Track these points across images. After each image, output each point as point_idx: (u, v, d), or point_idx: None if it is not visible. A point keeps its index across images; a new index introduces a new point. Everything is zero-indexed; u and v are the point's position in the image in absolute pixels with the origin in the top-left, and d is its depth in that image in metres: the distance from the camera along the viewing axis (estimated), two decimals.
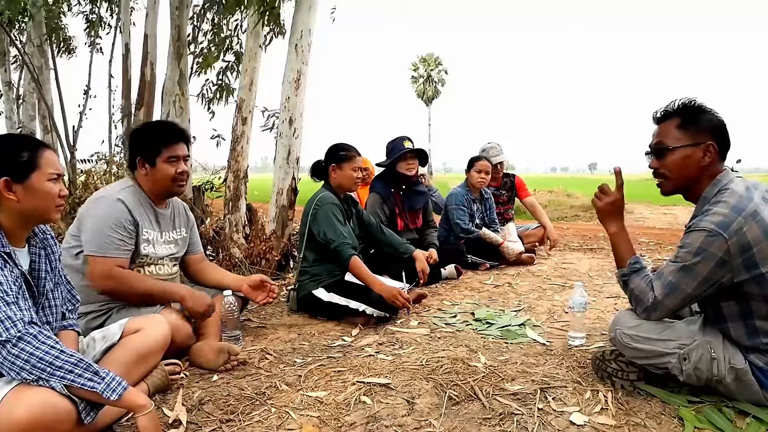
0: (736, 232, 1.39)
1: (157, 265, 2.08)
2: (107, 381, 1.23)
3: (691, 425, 1.42)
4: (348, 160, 2.75)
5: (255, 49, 4.16)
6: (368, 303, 2.46)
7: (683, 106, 1.58)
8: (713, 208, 1.46)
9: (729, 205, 1.44)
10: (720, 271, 1.43)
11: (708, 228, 1.42)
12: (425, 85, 44.00)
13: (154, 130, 2.09)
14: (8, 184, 1.31)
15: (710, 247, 1.42)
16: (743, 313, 1.47)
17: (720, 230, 1.40)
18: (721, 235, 1.40)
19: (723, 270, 1.43)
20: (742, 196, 1.45)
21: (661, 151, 1.59)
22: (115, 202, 1.93)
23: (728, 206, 1.43)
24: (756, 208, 1.42)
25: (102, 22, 8.08)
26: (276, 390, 1.73)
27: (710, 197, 1.52)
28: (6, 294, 1.23)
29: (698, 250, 1.44)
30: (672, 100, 1.61)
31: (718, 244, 1.40)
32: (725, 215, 1.42)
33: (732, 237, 1.39)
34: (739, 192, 1.47)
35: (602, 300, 2.96)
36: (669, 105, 1.61)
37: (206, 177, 5.26)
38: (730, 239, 1.39)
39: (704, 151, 1.52)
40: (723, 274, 1.43)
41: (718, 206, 1.46)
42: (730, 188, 1.49)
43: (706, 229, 1.43)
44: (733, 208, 1.43)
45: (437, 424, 1.47)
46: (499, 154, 4.42)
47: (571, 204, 10.27)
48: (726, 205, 1.44)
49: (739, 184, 1.51)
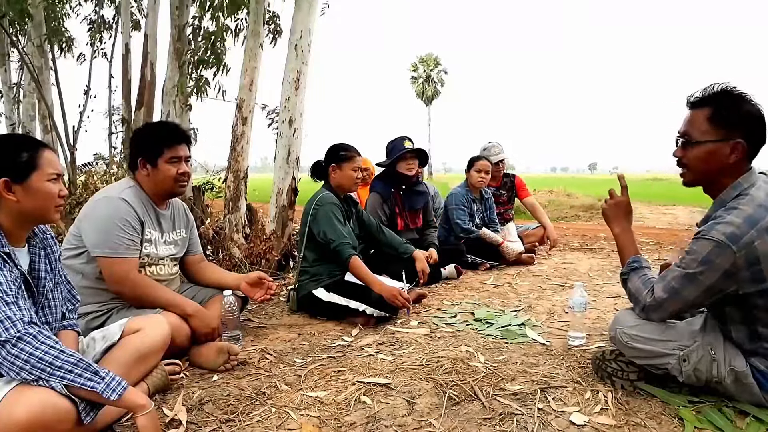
0: (746, 245, 1.33)
1: (158, 265, 2.08)
2: (107, 381, 1.23)
3: (691, 425, 1.42)
4: (348, 160, 2.75)
5: (255, 49, 4.15)
6: (368, 303, 2.46)
7: (718, 95, 1.45)
8: (727, 216, 1.38)
9: (744, 214, 1.36)
10: (725, 282, 1.39)
11: (717, 239, 1.36)
12: (425, 86, 44.04)
13: (155, 131, 2.08)
14: (8, 185, 1.31)
15: (717, 258, 1.36)
16: (746, 319, 1.45)
17: (730, 243, 1.34)
18: (730, 248, 1.34)
19: (729, 281, 1.38)
20: (761, 206, 1.37)
21: (686, 143, 1.50)
22: (119, 201, 1.92)
23: (743, 216, 1.36)
24: None
25: (105, 24, 8.05)
26: (276, 390, 1.73)
27: (728, 200, 1.44)
28: (5, 294, 1.23)
29: (704, 260, 1.39)
30: (710, 84, 1.48)
31: (726, 256, 1.35)
32: (737, 226, 1.35)
33: (741, 251, 1.34)
34: (758, 200, 1.38)
35: (602, 300, 2.96)
36: (706, 90, 1.48)
37: (206, 177, 5.26)
38: (739, 252, 1.34)
39: (732, 148, 1.42)
40: (728, 285, 1.39)
41: (732, 214, 1.38)
42: (749, 194, 1.40)
43: (715, 239, 1.36)
44: (747, 219, 1.35)
45: (437, 424, 1.47)
46: (499, 152, 4.43)
47: (571, 204, 10.27)
48: (741, 213, 1.36)
49: (761, 190, 1.41)
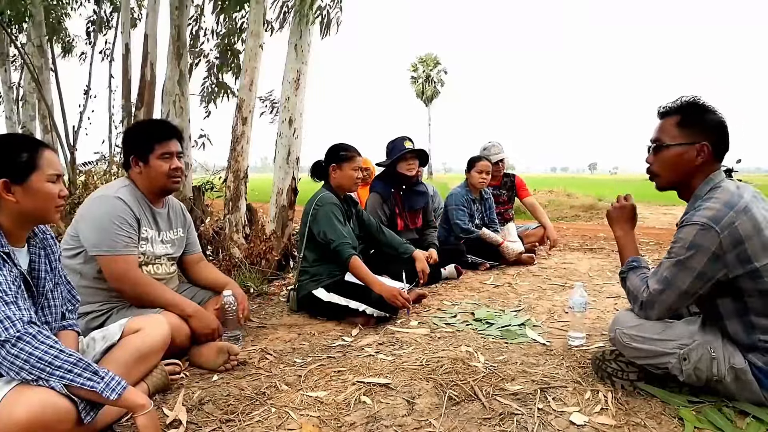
0: (728, 225, 1.41)
1: (155, 264, 2.07)
2: (107, 381, 1.23)
3: (691, 425, 1.42)
4: (348, 160, 2.75)
5: (255, 49, 4.15)
6: (368, 303, 2.46)
7: (685, 105, 1.60)
8: (705, 204, 1.48)
9: (721, 200, 1.46)
10: (714, 266, 1.43)
11: (700, 222, 1.44)
12: (424, 86, 44.03)
13: (145, 128, 2.09)
14: (7, 185, 1.31)
15: (703, 240, 1.43)
16: (739, 310, 1.47)
17: (712, 224, 1.42)
18: (713, 229, 1.41)
19: (717, 265, 1.43)
20: (734, 193, 1.48)
21: (657, 147, 1.62)
22: (114, 200, 1.92)
23: (720, 201, 1.46)
24: (747, 204, 1.44)
25: (104, 24, 8.05)
26: (276, 390, 1.73)
27: (702, 195, 1.55)
28: (5, 294, 1.23)
29: (691, 245, 1.45)
30: (678, 98, 1.63)
31: (711, 237, 1.42)
32: (718, 209, 1.44)
33: (724, 231, 1.41)
34: (731, 189, 1.50)
35: (602, 300, 2.96)
36: (674, 102, 1.63)
37: (206, 177, 5.26)
38: (722, 233, 1.41)
39: (698, 151, 1.54)
40: (717, 270, 1.44)
41: (710, 202, 1.48)
42: (722, 186, 1.52)
43: (698, 223, 1.44)
44: (725, 203, 1.45)
45: (437, 424, 1.47)
46: (499, 152, 4.43)
47: (571, 204, 10.27)
48: (718, 200, 1.47)
49: (730, 184, 1.54)
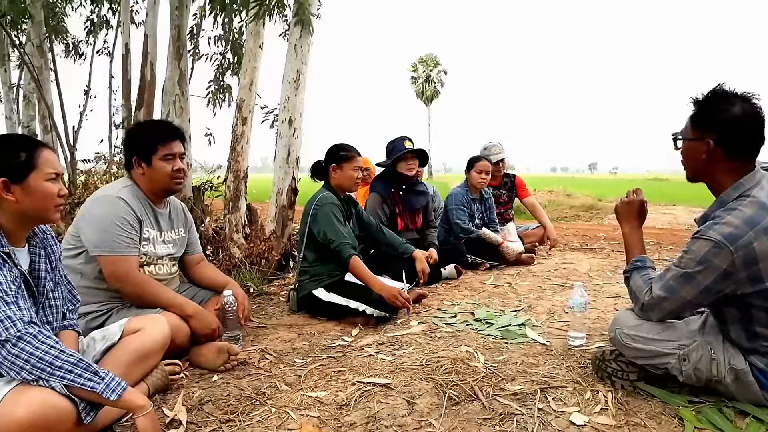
0: (745, 246, 1.33)
1: (156, 264, 2.07)
2: (107, 381, 1.24)
3: (691, 425, 1.42)
4: (348, 160, 2.75)
5: (255, 49, 4.15)
6: (368, 303, 2.46)
7: (706, 97, 1.49)
8: (726, 216, 1.39)
9: (743, 216, 1.36)
10: (723, 282, 1.39)
11: (715, 239, 1.36)
12: (424, 86, 44.00)
13: (148, 129, 2.09)
14: (6, 185, 1.30)
15: (714, 258, 1.37)
16: (744, 319, 1.45)
17: (727, 243, 1.34)
18: (727, 248, 1.34)
19: (727, 282, 1.38)
20: (762, 208, 1.37)
21: (674, 140, 1.58)
22: (116, 200, 1.92)
23: (742, 217, 1.36)
24: None
25: (106, 24, 8.05)
26: (276, 390, 1.73)
27: (728, 201, 1.45)
28: (5, 294, 1.23)
29: (702, 260, 1.39)
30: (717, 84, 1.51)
31: (723, 257, 1.35)
32: (736, 227, 1.35)
33: (739, 251, 1.34)
34: (760, 201, 1.38)
35: (602, 300, 2.96)
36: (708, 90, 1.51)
37: (206, 177, 5.27)
38: (737, 253, 1.34)
39: (705, 147, 1.45)
40: (726, 286, 1.39)
41: (731, 214, 1.38)
42: (751, 195, 1.40)
43: (713, 240, 1.37)
44: (746, 220, 1.35)
45: (437, 424, 1.47)
46: (500, 152, 4.43)
47: (571, 204, 10.26)
48: (740, 215, 1.37)
49: (764, 191, 1.41)
